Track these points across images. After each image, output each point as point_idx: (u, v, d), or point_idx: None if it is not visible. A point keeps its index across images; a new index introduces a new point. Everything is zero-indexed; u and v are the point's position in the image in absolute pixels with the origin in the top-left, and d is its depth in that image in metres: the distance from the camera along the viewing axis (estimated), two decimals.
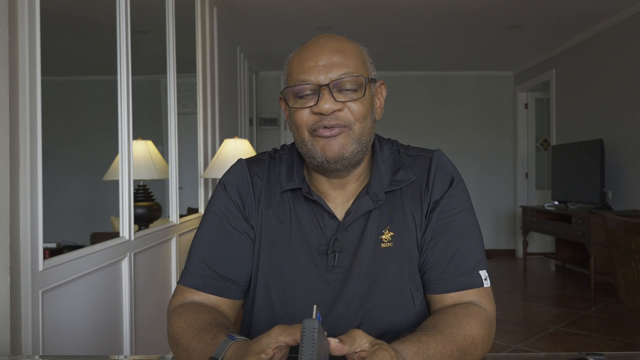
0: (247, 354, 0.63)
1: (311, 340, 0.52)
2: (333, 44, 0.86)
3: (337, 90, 0.83)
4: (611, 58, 4.54)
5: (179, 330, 0.81)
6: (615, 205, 4.45)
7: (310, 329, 0.53)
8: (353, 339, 0.64)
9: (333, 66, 0.84)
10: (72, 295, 1.64)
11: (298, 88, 0.84)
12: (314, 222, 0.89)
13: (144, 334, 2.25)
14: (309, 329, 0.53)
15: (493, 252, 6.42)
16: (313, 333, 0.53)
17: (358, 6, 4.08)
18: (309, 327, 0.53)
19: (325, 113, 0.82)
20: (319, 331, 0.54)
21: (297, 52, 0.89)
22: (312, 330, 0.53)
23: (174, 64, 2.78)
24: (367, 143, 0.87)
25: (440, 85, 6.54)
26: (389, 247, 0.88)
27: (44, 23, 1.46)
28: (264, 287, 0.90)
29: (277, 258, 0.90)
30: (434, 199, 0.90)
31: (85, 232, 3.47)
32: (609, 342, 3.18)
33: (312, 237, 0.89)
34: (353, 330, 0.66)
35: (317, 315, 0.56)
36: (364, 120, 0.85)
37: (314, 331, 0.53)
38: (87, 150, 5.21)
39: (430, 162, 0.92)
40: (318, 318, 0.56)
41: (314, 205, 0.90)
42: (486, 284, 0.88)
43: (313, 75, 0.83)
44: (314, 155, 0.85)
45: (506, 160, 6.56)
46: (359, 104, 0.85)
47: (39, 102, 1.43)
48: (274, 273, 0.90)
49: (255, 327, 0.91)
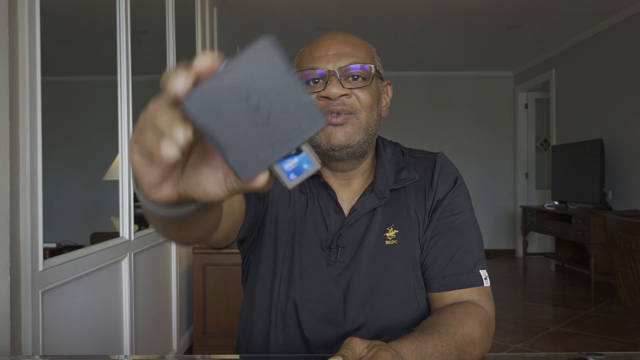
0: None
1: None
2: (343, 37, 0.88)
3: (344, 77, 0.85)
4: (611, 58, 4.54)
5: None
6: (615, 205, 4.45)
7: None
8: (353, 350, 0.65)
9: (342, 55, 0.85)
10: (72, 295, 1.64)
11: (306, 73, 0.85)
12: (319, 215, 0.90)
13: (143, 334, 2.25)
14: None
15: (493, 252, 6.42)
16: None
17: (358, 6, 4.08)
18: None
19: (333, 97, 0.83)
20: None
21: (307, 47, 0.91)
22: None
23: (174, 64, 2.78)
24: (373, 134, 0.88)
25: (440, 85, 6.54)
26: (393, 244, 0.89)
27: (44, 23, 1.46)
28: (268, 273, 0.90)
29: (283, 245, 0.90)
30: (437, 198, 0.91)
31: (85, 232, 3.47)
32: (609, 342, 3.17)
33: (317, 230, 0.90)
34: (350, 341, 0.66)
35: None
36: (370, 110, 0.86)
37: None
38: (87, 150, 5.21)
39: (434, 164, 0.94)
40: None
41: (320, 199, 0.91)
42: (486, 284, 0.89)
43: (322, 63, 0.85)
44: (318, 144, 0.85)
45: (506, 160, 6.56)
46: (366, 92, 0.85)
47: (39, 102, 1.43)
48: (278, 258, 0.90)
49: (256, 316, 0.91)
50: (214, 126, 0.34)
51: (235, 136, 0.34)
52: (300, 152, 0.36)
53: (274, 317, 0.88)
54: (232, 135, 0.34)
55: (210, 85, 0.33)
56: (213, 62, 0.33)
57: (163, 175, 0.37)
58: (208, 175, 0.37)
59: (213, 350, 2.76)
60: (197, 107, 0.33)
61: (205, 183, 0.37)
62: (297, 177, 0.37)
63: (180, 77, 0.32)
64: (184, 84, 0.32)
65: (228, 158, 0.34)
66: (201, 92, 0.33)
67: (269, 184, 0.36)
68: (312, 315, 0.87)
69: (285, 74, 0.34)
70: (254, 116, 0.34)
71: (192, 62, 0.33)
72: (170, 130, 0.33)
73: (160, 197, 0.38)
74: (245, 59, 0.34)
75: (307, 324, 0.87)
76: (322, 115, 0.35)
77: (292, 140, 0.35)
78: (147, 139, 0.34)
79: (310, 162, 0.37)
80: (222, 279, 2.83)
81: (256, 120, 0.34)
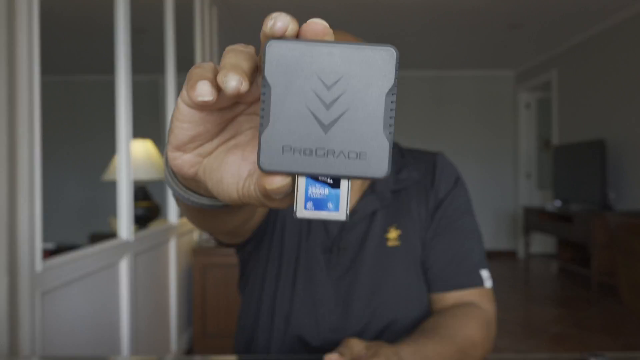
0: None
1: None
2: (341, 37, 0.87)
3: None
4: (614, 58, 4.52)
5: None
6: (618, 206, 4.43)
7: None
8: (350, 348, 0.65)
9: None
10: (71, 296, 1.63)
11: None
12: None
13: (143, 334, 2.24)
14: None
15: (494, 253, 6.40)
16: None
17: (358, 5, 4.07)
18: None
19: None
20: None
21: None
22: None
23: (174, 63, 2.77)
24: None
25: (440, 85, 6.53)
26: (396, 246, 0.88)
27: (43, 22, 1.45)
28: (273, 274, 0.90)
29: (288, 248, 0.90)
30: (438, 198, 0.91)
31: (84, 232, 3.46)
32: (610, 343, 3.16)
33: (316, 232, 0.89)
34: (348, 340, 0.67)
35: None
36: None
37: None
38: (86, 150, 5.20)
39: (434, 163, 0.93)
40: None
41: None
42: (487, 284, 0.88)
43: None
44: None
45: (507, 160, 6.55)
46: None
47: (38, 101, 1.42)
48: (283, 262, 0.90)
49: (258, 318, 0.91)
50: (278, 86, 0.28)
51: (289, 112, 0.29)
52: (337, 186, 0.30)
53: (277, 320, 0.88)
54: (286, 109, 0.29)
55: (306, 47, 0.28)
56: (325, 30, 0.29)
57: (198, 133, 0.32)
58: (234, 163, 0.33)
59: (213, 352, 2.75)
60: (278, 56, 0.28)
61: (226, 170, 0.33)
62: (313, 211, 0.30)
63: (286, 18, 0.28)
64: (286, 25, 0.28)
65: (264, 132, 0.29)
66: (294, 45, 0.28)
67: (283, 201, 0.31)
68: (314, 318, 0.87)
69: (386, 96, 0.29)
70: (321, 111, 0.29)
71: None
72: (242, 65, 0.29)
73: (178, 163, 0.34)
74: (359, 51, 0.29)
75: (309, 328, 0.86)
76: (388, 166, 0.29)
77: (339, 166, 0.29)
78: (215, 69, 0.30)
79: (337, 206, 0.30)
80: (222, 280, 2.82)
81: (320, 116, 0.29)
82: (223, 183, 0.33)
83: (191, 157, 0.34)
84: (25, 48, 1.37)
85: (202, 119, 0.32)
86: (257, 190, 0.31)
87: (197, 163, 0.34)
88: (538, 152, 6.50)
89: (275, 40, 0.28)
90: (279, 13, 0.28)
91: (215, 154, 0.34)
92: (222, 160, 0.33)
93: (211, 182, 0.34)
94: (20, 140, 1.35)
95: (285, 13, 0.28)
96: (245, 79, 0.28)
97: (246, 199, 0.33)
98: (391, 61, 0.29)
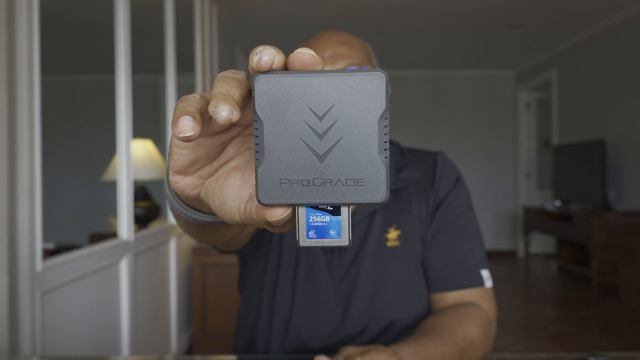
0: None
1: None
2: (338, 37, 0.87)
3: None
4: (614, 57, 4.52)
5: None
6: (618, 206, 4.43)
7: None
8: (343, 354, 0.67)
9: (339, 57, 0.84)
10: (70, 296, 1.63)
11: None
12: None
13: (143, 334, 2.24)
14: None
15: (494, 253, 6.40)
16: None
17: (358, 5, 4.07)
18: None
19: None
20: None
21: (301, 46, 0.89)
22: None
23: (174, 63, 2.77)
24: None
25: (440, 85, 6.52)
26: (395, 246, 0.88)
27: (42, 22, 1.45)
28: (273, 274, 0.90)
29: (288, 249, 0.90)
30: (439, 197, 0.91)
31: (84, 232, 3.47)
32: (610, 343, 3.16)
33: None
34: (343, 349, 0.69)
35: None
36: None
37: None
38: (86, 150, 5.19)
39: (434, 163, 0.93)
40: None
41: None
42: (488, 284, 0.88)
43: None
44: None
45: (507, 160, 6.55)
46: None
47: (38, 101, 1.42)
48: (282, 262, 0.90)
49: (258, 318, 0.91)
50: (270, 120, 0.29)
51: (283, 145, 0.29)
52: (337, 213, 0.30)
53: (276, 320, 0.88)
54: (280, 143, 0.29)
55: (295, 79, 0.28)
56: (313, 59, 0.29)
57: (197, 158, 0.33)
58: (234, 186, 0.34)
59: (212, 352, 2.75)
60: (268, 90, 0.28)
61: (227, 194, 0.34)
62: (315, 239, 0.30)
63: (271, 52, 0.29)
64: (272, 59, 0.28)
65: (260, 167, 0.29)
66: (282, 78, 0.28)
67: (285, 227, 0.31)
68: (314, 319, 0.86)
69: (379, 121, 0.29)
70: (315, 141, 0.29)
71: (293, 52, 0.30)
72: (232, 94, 0.29)
73: (180, 186, 0.35)
74: (348, 79, 0.29)
75: (309, 328, 0.86)
76: (387, 190, 0.29)
77: (338, 194, 0.29)
78: (200, 101, 0.31)
79: (339, 232, 0.30)
80: (222, 280, 2.82)
81: (314, 147, 0.29)
82: (226, 206, 0.34)
83: (192, 180, 0.35)
84: (25, 48, 1.37)
85: (199, 144, 0.32)
86: (259, 216, 0.31)
87: (199, 185, 0.35)
88: (538, 152, 6.49)
89: (263, 75, 0.29)
90: (263, 47, 0.29)
91: (216, 176, 0.35)
92: (223, 183, 0.34)
93: (214, 203, 0.35)
94: (20, 140, 1.35)
95: (269, 46, 0.29)
96: (236, 108, 0.28)
97: (249, 221, 0.33)
98: (381, 86, 0.29)
